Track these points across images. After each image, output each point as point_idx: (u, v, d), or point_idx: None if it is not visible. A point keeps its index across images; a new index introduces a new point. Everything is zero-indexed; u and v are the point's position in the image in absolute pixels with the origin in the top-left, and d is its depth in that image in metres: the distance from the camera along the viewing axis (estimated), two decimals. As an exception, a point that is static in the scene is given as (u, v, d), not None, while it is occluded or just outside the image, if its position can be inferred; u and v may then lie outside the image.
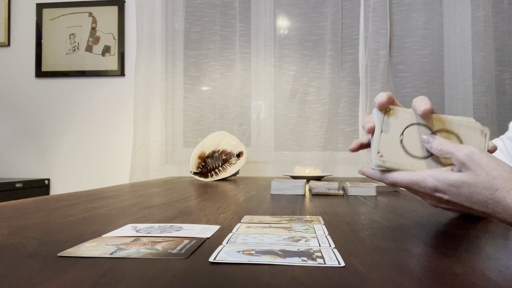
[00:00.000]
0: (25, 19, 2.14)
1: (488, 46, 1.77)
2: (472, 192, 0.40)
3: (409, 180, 0.43)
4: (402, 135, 0.46)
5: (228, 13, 1.99)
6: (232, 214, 0.65)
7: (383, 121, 0.46)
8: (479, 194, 0.39)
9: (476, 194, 0.39)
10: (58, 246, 0.41)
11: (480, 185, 0.39)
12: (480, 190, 0.39)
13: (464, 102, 1.81)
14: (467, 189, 0.40)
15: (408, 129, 0.46)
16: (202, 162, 1.53)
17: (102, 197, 0.88)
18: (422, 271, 0.34)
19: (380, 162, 0.46)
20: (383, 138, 0.46)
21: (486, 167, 0.39)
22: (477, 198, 0.40)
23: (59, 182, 2.10)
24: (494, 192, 0.39)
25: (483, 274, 0.34)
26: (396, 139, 0.46)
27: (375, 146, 0.46)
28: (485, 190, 0.39)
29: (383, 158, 0.45)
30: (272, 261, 0.35)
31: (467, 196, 0.40)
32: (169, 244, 0.43)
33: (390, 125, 0.46)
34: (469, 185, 0.40)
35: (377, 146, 0.46)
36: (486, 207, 0.39)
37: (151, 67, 1.98)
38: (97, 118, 2.09)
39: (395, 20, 1.87)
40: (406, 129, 0.46)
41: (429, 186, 0.42)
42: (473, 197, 0.40)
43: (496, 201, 0.39)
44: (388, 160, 0.45)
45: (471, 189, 0.40)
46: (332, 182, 1.12)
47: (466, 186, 0.40)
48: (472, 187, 0.40)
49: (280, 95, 1.96)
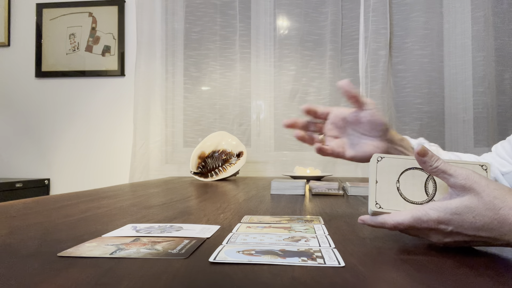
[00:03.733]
0: (25, 19, 2.14)
1: (488, 46, 1.77)
2: (476, 215, 0.38)
3: (411, 217, 0.41)
4: (398, 182, 0.46)
5: (228, 13, 1.99)
6: (232, 214, 0.65)
7: (376, 172, 0.46)
8: (483, 216, 0.38)
9: (480, 216, 0.38)
10: (58, 246, 0.41)
11: (483, 206, 0.38)
12: (483, 211, 0.38)
13: (464, 102, 1.81)
14: (470, 213, 0.39)
15: (403, 175, 0.46)
16: (202, 162, 1.53)
17: (102, 197, 0.88)
18: (422, 271, 0.34)
19: (379, 211, 0.46)
20: (379, 188, 0.46)
21: (487, 188, 0.38)
22: (481, 221, 0.38)
23: (59, 182, 2.10)
24: (497, 211, 0.38)
25: (484, 274, 0.34)
26: (393, 187, 0.46)
27: (372, 198, 0.46)
28: (488, 211, 0.38)
29: (382, 209, 0.45)
30: (272, 261, 0.35)
31: (471, 221, 0.39)
32: (169, 244, 0.43)
33: (384, 174, 0.46)
34: (472, 209, 0.39)
35: (374, 198, 0.46)
36: (492, 230, 0.38)
37: (151, 67, 1.98)
38: (97, 118, 2.09)
39: (395, 20, 1.87)
40: (402, 175, 0.46)
41: (432, 218, 0.40)
42: (477, 221, 0.38)
43: (500, 221, 0.38)
44: (386, 209, 0.45)
45: (475, 212, 0.38)
46: (332, 182, 1.12)
47: (468, 210, 0.39)
48: (475, 210, 0.38)
49: (280, 95, 1.96)
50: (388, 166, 0.46)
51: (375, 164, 0.47)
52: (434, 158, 0.42)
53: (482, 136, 1.77)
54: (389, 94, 1.83)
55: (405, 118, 1.85)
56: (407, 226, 0.42)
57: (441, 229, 0.40)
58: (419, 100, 1.84)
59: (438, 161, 0.42)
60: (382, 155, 0.47)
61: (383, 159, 0.47)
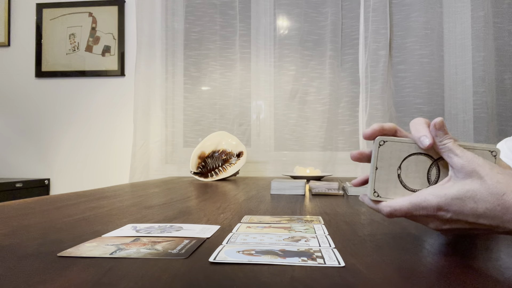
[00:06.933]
0: (25, 19, 2.14)
1: (488, 46, 1.77)
2: (478, 200, 0.37)
3: (409, 204, 0.40)
4: (399, 169, 0.43)
5: (228, 13, 1.99)
6: (232, 214, 0.65)
7: (377, 157, 0.43)
8: (486, 202, 0.36)
9: (482, 202, 0.36)
10: (58, 246, 0.41)
11: (485, 191, 0.36)
12: (485, 196, 0.36)
13: (464, 102, 1.81)
14: (471, 198, 0.37)
15: (406, 160, 0.43)
16: (202, 162, 1.53)
17: (102, 197, 0.88)
18: (422, 271, 0.34)
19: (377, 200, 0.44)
20: (379, 175, 0.43)
21: (490, 172, 0.37)
22: (483, 207, 0.36)
23: (59, 182, 2.10)
24: (500, 197, 0.36)
25: (484, 273, 0.34)
26: (393, 174, 0.43)
27: (371, 184, 0.44)
28: (491, 196, 0.36)
29: (380, 198, 0.43)
30: (272, 261, 0.35)
31: (472, 207, 0.37)
32: (169, 244, 0.43)
33: (385, 160, 0.43)
34: (474, 193, 0.37)
35: (373, 185, 0.43)
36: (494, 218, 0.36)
37: (151, 67, 1.98)
38: (97, 118, 2.09)
39: (395, 20, 1.87)
40: (404, 161, 0.43)
41: (431, 205, 0.38)
42: (479, 206, 0.37)
43: (504, 207, 0.36)
44: (384, 198, 0.43)
45: (476, 197, 0.37)
46: (332, 182, 1.12)
47: (470, 195, 0.37)
48: (477, 195, 0.37)
49: (280, 95, 1.96)
50: (390, 151, 0.43)
51: (377, 149, 0.43)
52: (447, 136, 0.41)
53: (482, 136, 1.77)
54: (389, 94, 1.83)
55: (405, 118, 1.85)
56: (404, 214, 0.41)
57: (440, 215, 0.39)
58: (419, 100, 1.84)
59: (449, 139, 0.40)
60: (385, 139, 0.43)
61: (386, 143, 0.43)
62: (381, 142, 0.43)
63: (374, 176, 0.44)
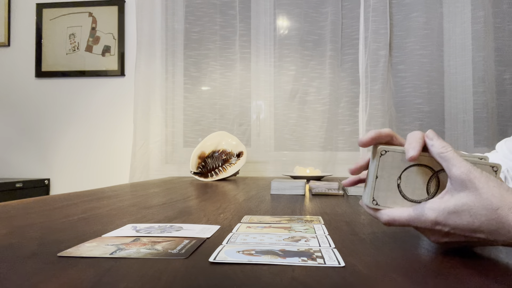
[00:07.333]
0: (25, 19, 2.14)
1: (488, 46, 1.77)
2: (473, 214, 0.37)
3: (408, 216, 0.40)
4: (399, 179, 0.43)
5: (228, 13, 1.99)
6: (232, 214, 0.65)
7: (378, 166, 0.43)
8: (481, 216, 0.36)
9: (479, 215, 0.36)
10: (58, 246, 0.41)
11: (480, 204, 0.36)
12: (481, 210, 0.36)
13: (464, 102, 1.81)
14: (467, 211, 0.37)
15: (406, 171, 0.43)
16: (202, 162, 1.53)
17: (102, 197, 0.88)
18: (422, 271, 0.34)
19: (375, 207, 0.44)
20: (378, 184, 0.43)
21: (485, 185, 0.37)
22: (479, 221, 0.36)
23: (59, 182, 2.10)
24: (495, 211, 0.36)
25: (483, 273, 0.34)
26: (393, 184, 0.43)
27: (370, 192, 0.44)
28: (486, 210, 0.36)
29: (378, 206, 0.43)
30: (272, 261, 0.35)
31: (468, 221, 0.37)
32: (169, 244, 0.43)
33: (386, 170, 0.43)
34: (469, 206, 0.37)
35: (372, 193, 0.44)
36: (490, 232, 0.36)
37: (151, 67, 1.98)
38: (97, 118, 2.09)
39: (395, 20, 1.87)
40: (405, 171, 0.43)
41: (429, 219, 0.39)
42: (475, 220, 0.36)
43: (499, 221, 0.36)
44: (382, 206, 0.43)
45: (472, 211, 0.37)
46: (332, 182, 1.12)
47: (466, 208, 0.37)
48: (472, 208, 0.37)
49: (280, 95, 1.96)
50: (391, 161, 0.43)
51: (378, 158, 0.44)
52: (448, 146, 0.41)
53: (482, 136, 1.77)
54: (389, 94, 1.83)
55: (405, 118, 1.85)
56: (401, 224, 0.41)
57: (438, 229, 0.39)
58: (419, 100, 1.84)
59: (447, 148, 0.40)
60: (387, 148, 0.44)
61: (387, 152, 0.43)
62: (382, 151, 0.44)
63: (374, 185, 0.44)
